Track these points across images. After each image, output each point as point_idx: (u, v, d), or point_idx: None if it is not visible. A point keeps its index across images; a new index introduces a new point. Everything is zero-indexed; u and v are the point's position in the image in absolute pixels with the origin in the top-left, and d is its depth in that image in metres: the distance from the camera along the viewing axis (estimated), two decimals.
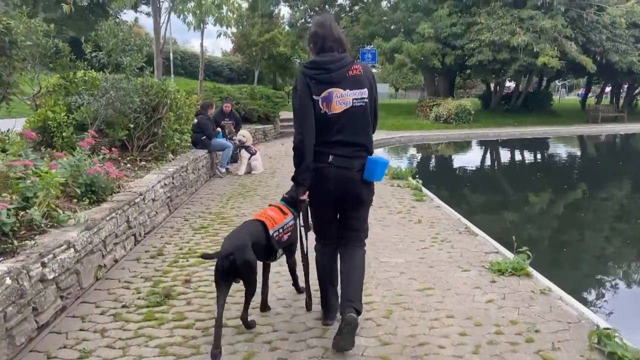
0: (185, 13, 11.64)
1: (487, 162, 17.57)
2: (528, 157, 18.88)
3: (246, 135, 9.78)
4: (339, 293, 3.13)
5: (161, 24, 11.01)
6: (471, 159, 17.93)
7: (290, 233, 3.33)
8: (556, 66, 21.81)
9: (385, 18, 26.88)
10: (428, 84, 32.68)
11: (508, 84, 32.37)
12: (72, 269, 3.77)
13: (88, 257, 4.05)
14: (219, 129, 10.10)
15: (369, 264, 4.35)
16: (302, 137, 2.89)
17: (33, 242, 3.36)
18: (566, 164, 17.03)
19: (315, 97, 2.89)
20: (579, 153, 21.03)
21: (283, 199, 3.46)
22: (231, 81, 33.22)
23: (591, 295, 5.60)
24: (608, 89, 34.79)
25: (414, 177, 8.59)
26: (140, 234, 5.38)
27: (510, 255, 4.56)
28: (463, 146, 20.89)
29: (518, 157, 18.85)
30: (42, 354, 2.95)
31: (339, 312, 3.06)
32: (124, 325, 3.32)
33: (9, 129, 6.00)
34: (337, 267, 3.20)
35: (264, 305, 3.52)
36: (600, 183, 12.89)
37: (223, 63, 44.76)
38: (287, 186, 3.52)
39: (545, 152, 20.24)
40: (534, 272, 4.13)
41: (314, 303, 3.48)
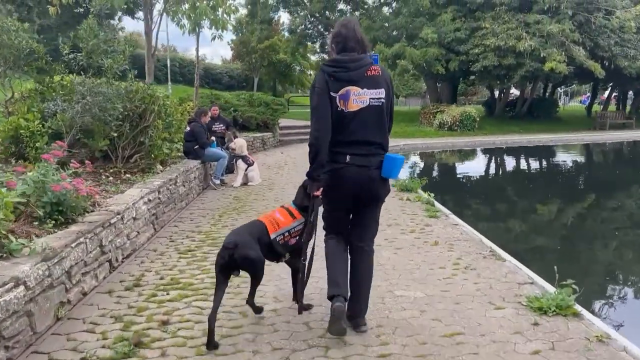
0: (179, 16, 10.99)
1: (500, 172, 16.45)
2: (542, 167, 17.81)
3: (239, 144, 9.08)
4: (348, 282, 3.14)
5: (153, 27, 10.35)
6: (481, 169, 16.94)
7: (298, 237, 3.28)
8: (564, 72, 21.15)
9: (387, 23, 26.29)
10: (430, 91, 32.05)
11: (512, 91, 31.72)
12: (22, 311, 3.07)
13: (45, 294, 3.35)
14: (213, 138, 9.42)
15: (383, 298, 3.67)
16: (318, 134, 2.94)
17: None
18: (586, 174, 15.88)
19: (332, 94, 2.92)
20: (597, 162, 19.91)
21: (295, 201, 3.41)
22: (230, 88, 32.61)
23: None
24: (613, 95, 34.12)
25: (425, 190, 7.88)
26: (117, 259, 4.68)
27: (548, 287, 3.86)
28: (470, 154, 20.12)
29: (531, 167, 17.78)
30: None
31: (349, 315, 3.12)
32: None
33: None
34: (347, 256, 3.20)
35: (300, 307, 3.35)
36: (630, 195, 11.81)
37: (222, 70, 44.28)
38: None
39: (559, 161, 19.18)
40: (584, 312, 3.42)
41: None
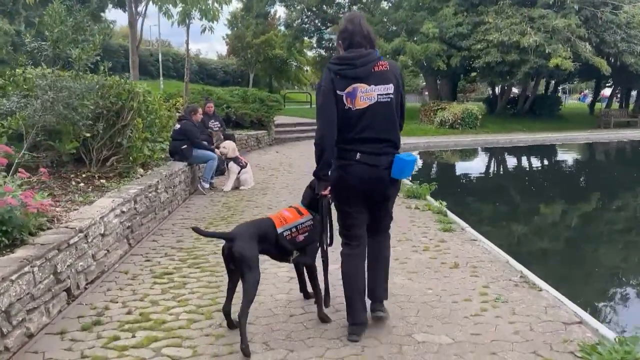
0: (166, 5, 10.20)
1: (512, 175, 15.06)
2: (556, 169, 16.56)
3: (228, 147, 8.30)
4: (367, 302, 3.18)
5: (137, 17, 9.54)
6: (491, 170, 15.89)
7: (307, 233, 3.24)
8: (569, 68, 20.43)
9: (386, 18, 25.51)
10: (430, 88, 31.29)
11: (513, 88, 31.00)
12: None
13: None
14: (218, 152, 8.48)
15: (400, 346, 2.94)
16: (323, 133, 2.90)
17: None
18: (607, 178, 14.44)
19: (339, 93, 2.86)
20: (615, 163, 18.67)
21: (303, 200, 3.39)
22: (225, 84, 31.72)
23: None
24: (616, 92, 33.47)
25: (435, 196, 7.13)
26: (78, 286, 3.93)
27: (603, 329, 3.13)
28: (476, 154, 19.29)
29: (545, 169, 16.45)
30: None
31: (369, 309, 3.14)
32: None
33: None
34: (365, 276, 3.13)
35: (326, 298, 3.40)
36: None
37: (217, 66, 43.41)
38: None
39: (574, 163, 18.13)
40: None
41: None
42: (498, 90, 29.79)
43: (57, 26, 5.28)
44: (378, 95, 2.87)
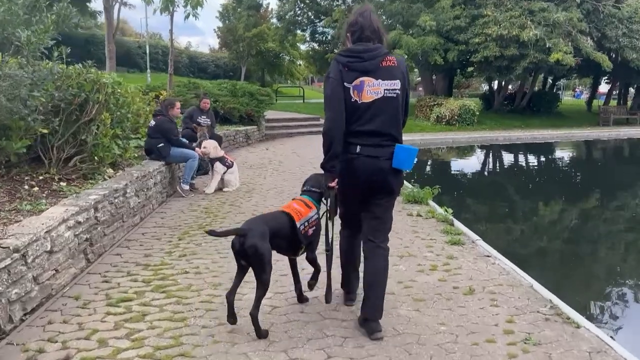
0: None
1: (517, 176, 13.94)
2: (561, 168, 15.44)
3: (209, 146, 7.52)
4: (360, 276, 3.35)
5: (113, 2, 8.75)
6: (493, 170, 14.90)
7: (315, 227, 3.27)
8: (571, 63, 19.78)
9: (381, 10, 24.72)
10: (425, 83, 30.56)
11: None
12: None
13: None
14: (198, 150, 7.67)
15: None
16: (332, 124, 2.89)
17: None
18: (618, 178, 13.47)
19: (347, 85, 2.87)
20: (623, 162, 17.70)
21: (305, 192, 3.40)
22: (216, 78, 30.82)
23: None
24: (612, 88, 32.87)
25: (438, 201, 6.44)
26: (12, 319, 3.20)
27: None
28: (474, 152, 18.56)
29: (549, 168, 15.37)
30: None
31: (363, 319, 3.07)
32: None
33: None
34: (360, 252, 3.26)
35: (300, 296, 3.47)
36: None
37: (208, 59, 42.61)
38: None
39: (578, 162, 17.21)
40: None
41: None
42: (495, 85, 29.15)
43: (4, 4, 4.52)
44: (385, 90, 2.88)
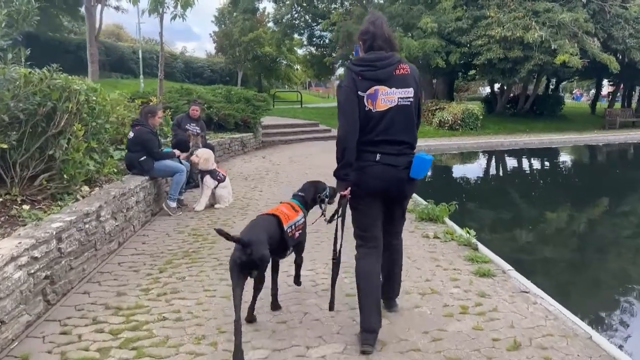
0: None
1: (536, 186, 12.65)
2: (580, 176, 14.21)
3: (200, 156, 6.80)
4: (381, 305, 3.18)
5: (94, 3, 8.04)
6: (508, 179, 13.71)
7: (301, 231, 3.35)
8: (577, 65, 19.12)
9: (381, 12, 24.12)
10: (425, 86, 29.92)
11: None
12: None
13: None
14: (177, 152, 7.03)
15: None
16: (346, 132, 2.89)
17: None
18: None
19: (360, 93, 2.88)
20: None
21: (294, 197, 3.47)
22: (212, 83, 30.07)
23: None
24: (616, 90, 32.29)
25: (457, 221, 5.71)
26: None
27: None
28: (481, 159, 17.69)
29: (572, 176, 14.23)
30: None
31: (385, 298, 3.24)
32: None
33: None
34: (380, 279, 3.15)
35: (275, 304, 3.46)
36: None
37: (204, 64, 41.77)
38: None
39: (603, 166, 16.25)
40: None
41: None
42: (497, 88, 28.51)
43: None
44: (399, 98, 2.89)
